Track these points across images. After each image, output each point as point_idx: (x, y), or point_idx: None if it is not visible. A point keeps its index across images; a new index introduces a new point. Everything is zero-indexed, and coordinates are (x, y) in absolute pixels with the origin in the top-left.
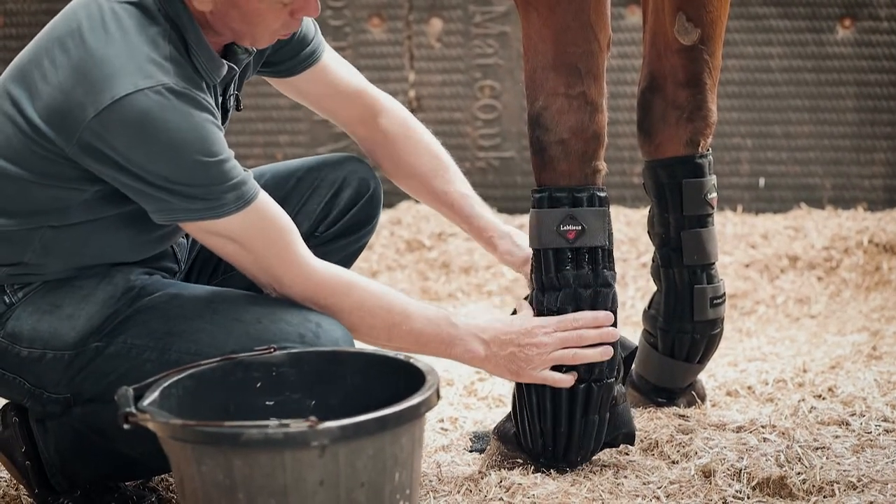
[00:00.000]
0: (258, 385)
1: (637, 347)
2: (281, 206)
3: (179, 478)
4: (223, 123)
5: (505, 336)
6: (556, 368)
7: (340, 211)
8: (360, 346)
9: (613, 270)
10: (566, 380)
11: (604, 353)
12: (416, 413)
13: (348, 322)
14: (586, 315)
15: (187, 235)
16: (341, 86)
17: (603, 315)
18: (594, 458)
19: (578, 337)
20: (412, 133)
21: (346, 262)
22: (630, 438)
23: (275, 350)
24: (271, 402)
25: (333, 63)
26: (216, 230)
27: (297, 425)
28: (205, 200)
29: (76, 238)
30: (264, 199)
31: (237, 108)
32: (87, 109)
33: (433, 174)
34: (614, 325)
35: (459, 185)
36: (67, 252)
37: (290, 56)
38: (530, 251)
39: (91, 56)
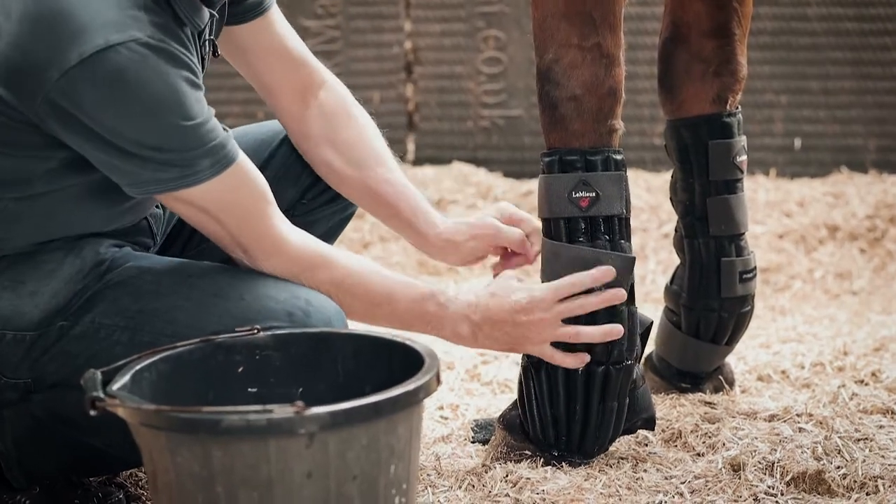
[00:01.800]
0: (240, 370)
1: (652, 322)
2: (261, 170)
3: (151, 470)
4: (202, 71)
5: (498, 315)
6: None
7: None
8: (352, 326)
9: (630, 241)
10: (567, 361)
11: (608, 333)
12: (414, 399)
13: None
14: (583, 277)
15: (163, 206)
16: (287, 47)
17: (602, 271)
18: (611, 449)
19: (580, 307)
20: (353, 111)
21: (333, 231)
22: (650, 424)
23: (259, 331)
24: (254, 389)
25: (281, 21)
26: (188, 199)
27: (282, 411)
28: (178, 168)
29: (41, 210)
30: (242, 164)
31: (214, 54)
32: (51, 69)
33: (373, 160)
34: (632, 301)
35: (402, 177)
36: (32, 225)
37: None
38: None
39: (52, 6)
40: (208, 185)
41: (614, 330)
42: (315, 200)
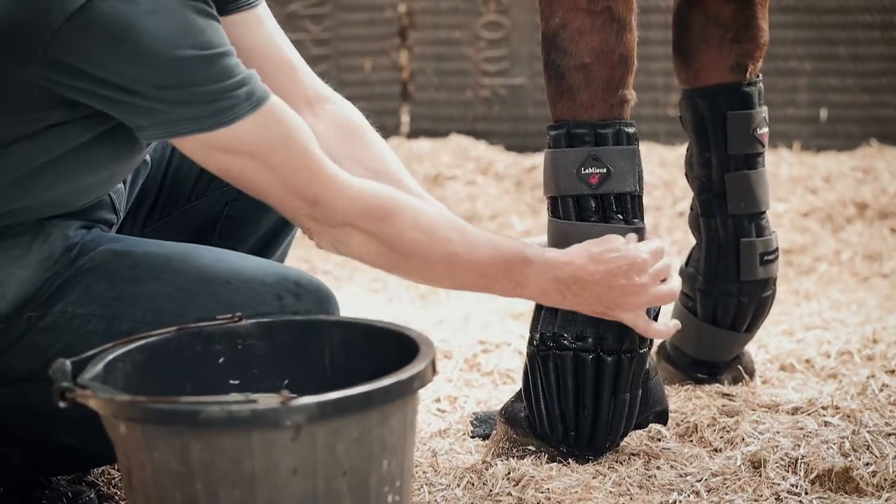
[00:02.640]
0: (221, 360)
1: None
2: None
3: (126, 467)
4: None
5: (590, 276)
6: None
7: None
8: (343, 312)
9: (643, 220)
10: (661, 332)
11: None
12: (408, 389)
13: (399, 250)
14: (653, 244)
15: (123, 180)
16: (279, 50)
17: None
18: (621, 444)
19: (667, 268)
20: (369, 129)
21: (280, 228)
22: (663, 418)
23: (241, 318)
24: (236, 381)
25: (272, 22)
26: (227, 143)
27: (266, 401)
28: (210, 104)
29: (10, 185)
30: (278, 100)
31: None
32: (52, 16)
33: (400, 178)
34: None
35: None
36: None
37: None
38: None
39: None
40: (248, 122)
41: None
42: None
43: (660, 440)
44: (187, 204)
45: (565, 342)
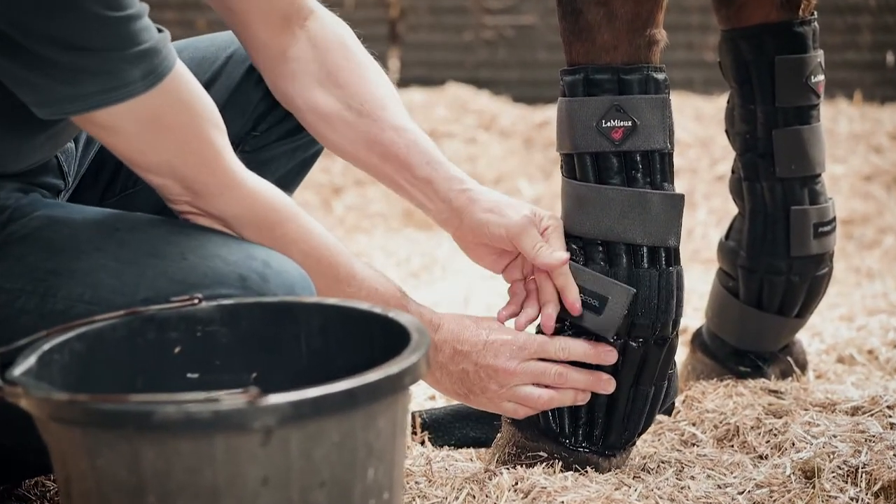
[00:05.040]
0: (177, 350)
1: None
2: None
3: (64, 477)
4: None
5: (461, 345)
6: None
7: None
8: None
9: (673, 184)
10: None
11: (579, 399)
12: (399, 385)
13: None
14: (577, 347)
15: (76, 140)
16: None
17: (602, 352)
18: (650, 451)
19: (557, 376)
20: (353, 50)
21: (295, 174)
22: (669, 410)
23: (200, 300)
24: (195, 375)
25: None
26: (114, 123)
27: (231, 400)
28: (102, 77)
29: None
30: (181, 73)
31: None
32: None
33: (377, 104)
34: (677, 260)
35: (416, 128)
36: None
37: None
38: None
39: None
40: (139, 101)
41: (582, 398)
42: (271, 132)
43: (695, 445)
44: None
45: (586, 326)
